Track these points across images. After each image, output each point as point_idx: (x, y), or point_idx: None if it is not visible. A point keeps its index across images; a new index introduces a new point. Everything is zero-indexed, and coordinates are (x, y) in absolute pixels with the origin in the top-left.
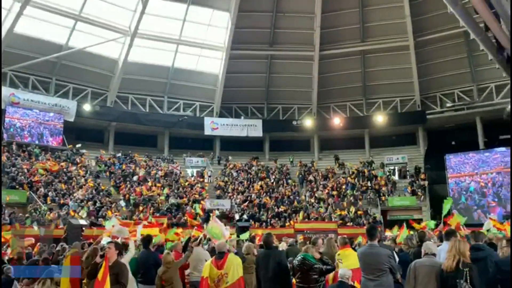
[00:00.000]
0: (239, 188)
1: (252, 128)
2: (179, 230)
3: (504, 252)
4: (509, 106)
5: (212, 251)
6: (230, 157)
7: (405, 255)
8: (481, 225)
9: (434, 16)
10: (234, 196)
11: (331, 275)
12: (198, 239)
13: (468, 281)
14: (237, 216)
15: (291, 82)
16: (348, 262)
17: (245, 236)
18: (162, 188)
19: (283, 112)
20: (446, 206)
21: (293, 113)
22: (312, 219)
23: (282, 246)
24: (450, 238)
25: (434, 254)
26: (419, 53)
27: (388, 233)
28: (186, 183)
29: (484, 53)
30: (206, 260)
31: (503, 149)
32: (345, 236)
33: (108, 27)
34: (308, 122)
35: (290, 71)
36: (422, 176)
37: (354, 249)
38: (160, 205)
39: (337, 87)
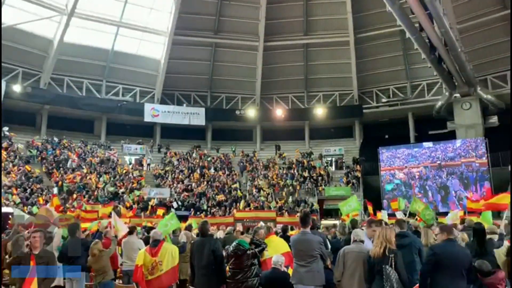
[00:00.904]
0: (180, 177)
1: (194, 116)
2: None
3: (438, 239)
4: (440, 103)
5: (146, 240)
6: (170, 145)
7: (337, 242)
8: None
9: (374, 14)
10: (174, 185)
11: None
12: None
13: (393, 266)
14: (175, 205)
15: (235, 71)
16: (274, 248)
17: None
18: (98, 175)
19: (226, 101)
20: (351, 202)
21: (236, 102)
22: (252, 208)
23: (220, 234)
24: (371, 226)
25: (362, 241)
26: (358, 49)
27: (324, 222)
28: (124, 171)
29: (418, 52)
30: (139, 249)
31: (430, 144)
32: (270, 225)
33: (43, 4)
34: (251, 112)
35: (235, 60)
36: (357, 167)
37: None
38: (95, 193)
39: (280, 79)
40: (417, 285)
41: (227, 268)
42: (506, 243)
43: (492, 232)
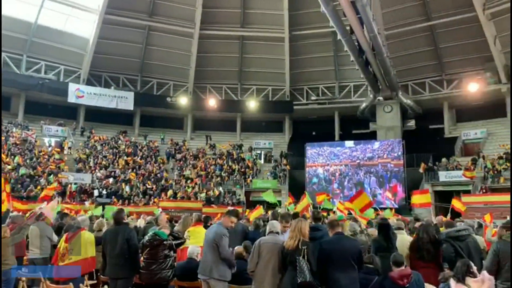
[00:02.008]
0: (103, 162)
1: (122, 100)
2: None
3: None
4: (364, 104)
5: (59, 227)
6: (94, 129)
7: (254, 233)
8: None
9: (309, 13)
10: (96, 170)
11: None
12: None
13: (306, 257)
14: (96, 192)
15: (169, 57)
16: (196, 239)
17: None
18: (12, 156)
19: (157, 87)
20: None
21: (168, 89)
22: (178, 198)
23: (140, 223)
24: (282, 221)
25: (278, 233)
26: (292, 46)
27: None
28: (42, 153)
29: (348, 54)
30: (48, 237)
31: (351, 144)
32: (200, 214)
33: None
34: (183, 100)
35: (168, 46)
36: (284, 161)
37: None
38: (8, 175)
39: (215, 69)
40: None
41: (142, 258)
42: (406, 235)
43: (399, 227)
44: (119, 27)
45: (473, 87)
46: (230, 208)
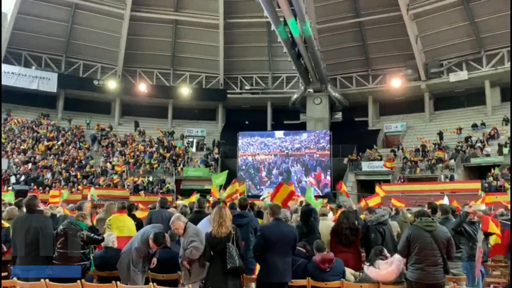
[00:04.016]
0: (21, 147)
1: (44, 81)
2: None
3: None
4: (295, 96)
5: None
6: (12, 111)
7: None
8: (257, 196)
9: (245, 2)
10: (14, 155)
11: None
12: None
13: (235, 243)
14: (13, 179)
15: (97, 38)
16: (119, 228)
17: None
18: None
19: (84, 69)
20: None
21: (95, 71)
22: (104, 186)
23: (60, 211)
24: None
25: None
26: (227, 34)
27: (179, 201)
28: None
29: (281, 45)
30: None
31: (281, 135)
32: (124, 201)
33: None
34: (112, 84)
35: (97, 26)
36: (216, 150)
37: None
38: None
39: (146, 52)
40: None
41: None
42: (329, 220)
43: (323, 214)
44: (41, 3)
45: (396, 83)
46: (160, 197)
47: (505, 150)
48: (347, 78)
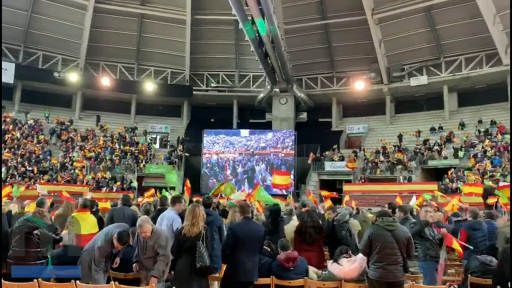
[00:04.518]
0: None
1: None
2: None
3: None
4: (262, 95)
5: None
6: None
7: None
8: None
9: None
10: None
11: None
12: None
13: (204, 242)
14: None
15: (58, 29)
16: (83, 226)
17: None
18: None
19: (43, 60)
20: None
21: (56, 63)
22: (62, 182)
23: (14, 208)
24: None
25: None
26: (194, 30)
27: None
28: None
29: (248, 44)
30: None
31: (246, 134)
32: (85, 198)
33: None
34: (73, 77)
35: (58, 16)
36: (180, 147)
37: None
38: None
39: (110, 46)
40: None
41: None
42: (294, 219)
43: (289, 212)
44: None
45: (359, 86)
46: (123, 194)
47: (461, 153)
48: (313, 79)
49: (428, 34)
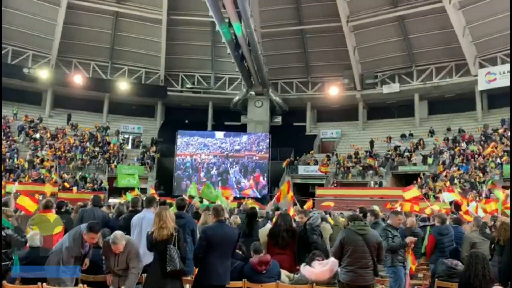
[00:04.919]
0: None
1: None
2: None
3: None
4: (237, 97)
5: None
6: None
7: (115, 220)
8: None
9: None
10: None
11: None
12: None
13: (176, 244)
14: None
15: (29, 24)
16: (46, 227)
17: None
18: None
19: (13, 55)
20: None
21: (26, 59)
22: (30, 181)
23: None
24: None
25: None
26: (170, 30)
27: (111, 200)
28: None
29: (225, 46)
30: None
31: (221, 136)
32: (49, 199)
33: None
34: (44, 73)
35: (29, 10)
36: (153, 148)
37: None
38: None
39: (84, 43)
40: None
41: None
42: (269, 224)
43: (261, 216)
44: None
45: (333, 91)
46: (94, 195)
47: (429, 160)
48: (288, 83)
49: (400, 43)
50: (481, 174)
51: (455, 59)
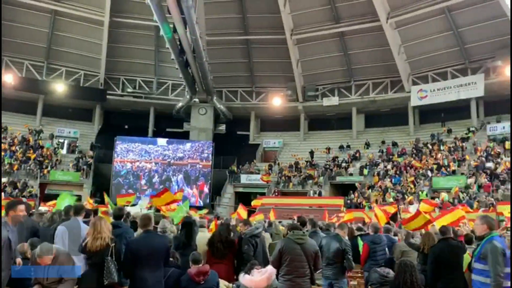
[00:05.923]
0: None
1: None
2: None
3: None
4: (180, 104)
5: None
6: None
7: (46, 229)
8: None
9: (134, 2)
10: None
11: None
12: None
13: (114, 256)
14: None
15: None
16: None
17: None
18: None
19: None
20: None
21: None
22: None
23: None
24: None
25: None
26: (112, 32)
27: (42, 207)
28: None
29: (169, 51)
30: None
31: (164, 143)
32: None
33: None
34: None
35: None
36: (90, 153)
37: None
38: None
39: (17, 41)
40: None
41: None
42: (204, 231)
43: (202, 225)
44: None
45: (276, 102)
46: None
47: (365, 171)
48: (233, 92)
49: (341, 58)
50: (412, 186)
51: (391, 75)
